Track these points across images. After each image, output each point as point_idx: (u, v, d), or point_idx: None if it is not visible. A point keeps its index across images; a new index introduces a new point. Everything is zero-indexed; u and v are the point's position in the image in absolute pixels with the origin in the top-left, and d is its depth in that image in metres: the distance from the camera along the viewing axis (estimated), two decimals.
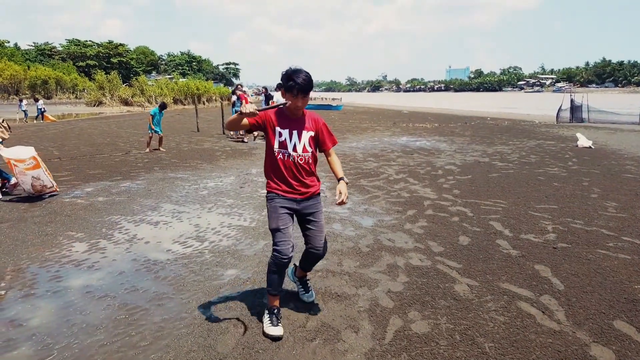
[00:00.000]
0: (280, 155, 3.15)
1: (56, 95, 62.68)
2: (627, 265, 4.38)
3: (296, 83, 3.00)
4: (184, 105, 47.19)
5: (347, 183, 3.28)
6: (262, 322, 3.28)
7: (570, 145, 13.60)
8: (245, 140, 14.96)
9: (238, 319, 3.40)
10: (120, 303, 3.67)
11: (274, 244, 3.12)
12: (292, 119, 3.18)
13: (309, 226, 3.28)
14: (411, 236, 5.27)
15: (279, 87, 14.83)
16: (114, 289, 3.93)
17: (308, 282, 3.69)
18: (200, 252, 4.78)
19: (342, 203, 3.12)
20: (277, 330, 3.13)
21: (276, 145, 3.14)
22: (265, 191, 3.30)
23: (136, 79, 53.11)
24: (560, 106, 24.03)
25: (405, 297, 3.75)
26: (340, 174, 3.28)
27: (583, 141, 13.54)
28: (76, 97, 63.10)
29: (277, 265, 3.13)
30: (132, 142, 14.83)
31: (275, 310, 3.24)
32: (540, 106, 44.07)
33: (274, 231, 3.13)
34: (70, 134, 17.80)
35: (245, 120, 3.08)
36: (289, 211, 3.19)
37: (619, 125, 21.34)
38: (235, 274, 4.22)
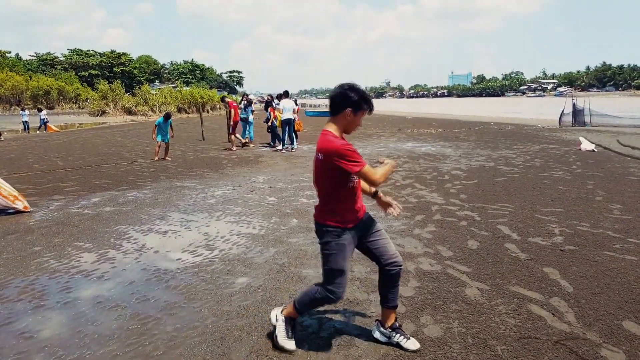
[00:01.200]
0: (352, 184, 2.88)
1: (59, 105, 62.97)
2: (634, 267, 4.39)
3: (372, 104, 2.89)
4: (188, 114, 47.32)
5: None
6: (276, 331, 3.15)
7: (574, 149, 13.61)
8: (250, 145, 14.98)
9: (251, 327, 3.42)
10: (132, 313, 3.68)
11: (332, 283, 2.90)
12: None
13: (374, 239, 3.00)
14: (420, 241, 5.29)
15: (285, 95, 14.87)
16: (124, 298, 3.95)
17: (400, 326, 3.19)
18: (211, 261, 4.80)
19: (393, 210, 3.11)
20: (291, 344, 3.06)
21: (350, 175, 2.83)
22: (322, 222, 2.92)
23: (139, 88, 53.32)
24: (563, 110, 24.09)
25: (417, 301, 3.77)
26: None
27: (586, 144, 13.57)
28: (79, 107, 63.37)
29: (325, 303, 3.01)
30: (137, 152, 14.90)
31: (293, 323, 3.15)
32: (543, 110, 44.09)
33: (339, 272, 2.88)
34: (74, 144, 17.89)
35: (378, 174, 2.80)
36: (354, 247, 2.97)
37: (621, 128, 21.37)
38: (246, 281, 4.24)
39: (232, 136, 15.22)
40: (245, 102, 16.41)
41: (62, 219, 6.58)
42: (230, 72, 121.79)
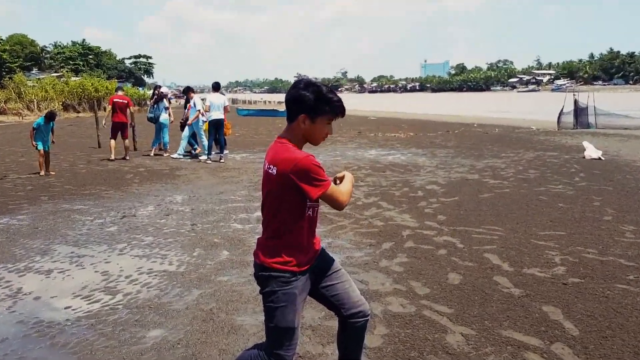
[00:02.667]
0: (310, 212, 2.86)
1: None
2: None
3: (339, 104, 2.85)
4: (78, 112, 46.03)
5: None
6: None
7: (576, 157, 14.34)
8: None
9: None
10: None
11: (279, 346, 2.82)
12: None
13: (332, 283, 2.99)
14: (389, 276, 5.40)
15: (214, 88, 14.84)
16: None
17: None
18: (112, 309, 4.70)
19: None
20: None
21: (308, 200, 2.80)
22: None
23: (10, 78, 51.36)
24: (562, 109, 25.23)
25: (386, 353, 3.84)
26: None
27: (591, 151, 14.29)
28: None
29: None
30: (8, 164, 14.35)
31: None
32: (537, 109, 46.07)
33: (288, 331, 2.81)
34: None
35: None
36: (307, 294, 2.94)
37: (633, 130, 22.63)
38: (161, 334, 4.18)
39: (111, 141, 14.81)
40: (156, 97, 16.16)
41: None
42: (136, 57, 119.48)
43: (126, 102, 15.27)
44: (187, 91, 16.02)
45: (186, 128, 15.51)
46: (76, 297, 4.97)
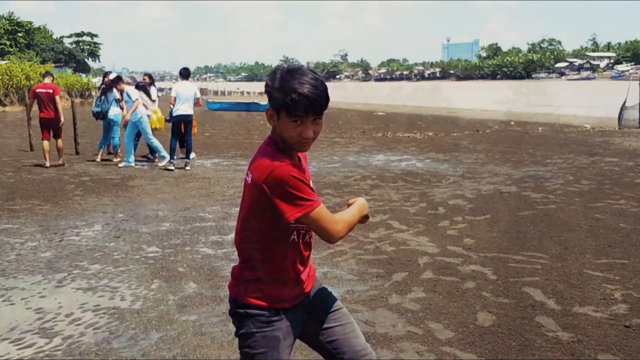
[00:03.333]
0: (295, 235, 2.80)
1: None
2: None
3: (302, 95, 2.58)
4: (4, 105, 46.03)
5: None
6: None
7: None
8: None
9: None
10: None
11: None
12: (297, 164, 2.81)
13: (330, 326, 2.96)
14: (401, 315, 5.41)
15: (182, 75, 14.79)
16: None
17: None
18: (48, 356, 4.69)
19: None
20: None
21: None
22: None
23: None
24: (624, 102, 25.23)
25: None
26: None
27: None
28: None
29: None
30: None
31: None
32: (593, 102, 46.18)
33: None
34: None
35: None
36: (294, 339, 2.90)
37: None
38: None
39: (44, 143, 14.74)
40: (105, 86, 16.18)
41: None
42: (78, 35, 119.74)
43: (51, 91, 14.83)
44: (117, 82, 15.86)
45: (127, 128, 15.19)
46: (2, 341, 4.96)
